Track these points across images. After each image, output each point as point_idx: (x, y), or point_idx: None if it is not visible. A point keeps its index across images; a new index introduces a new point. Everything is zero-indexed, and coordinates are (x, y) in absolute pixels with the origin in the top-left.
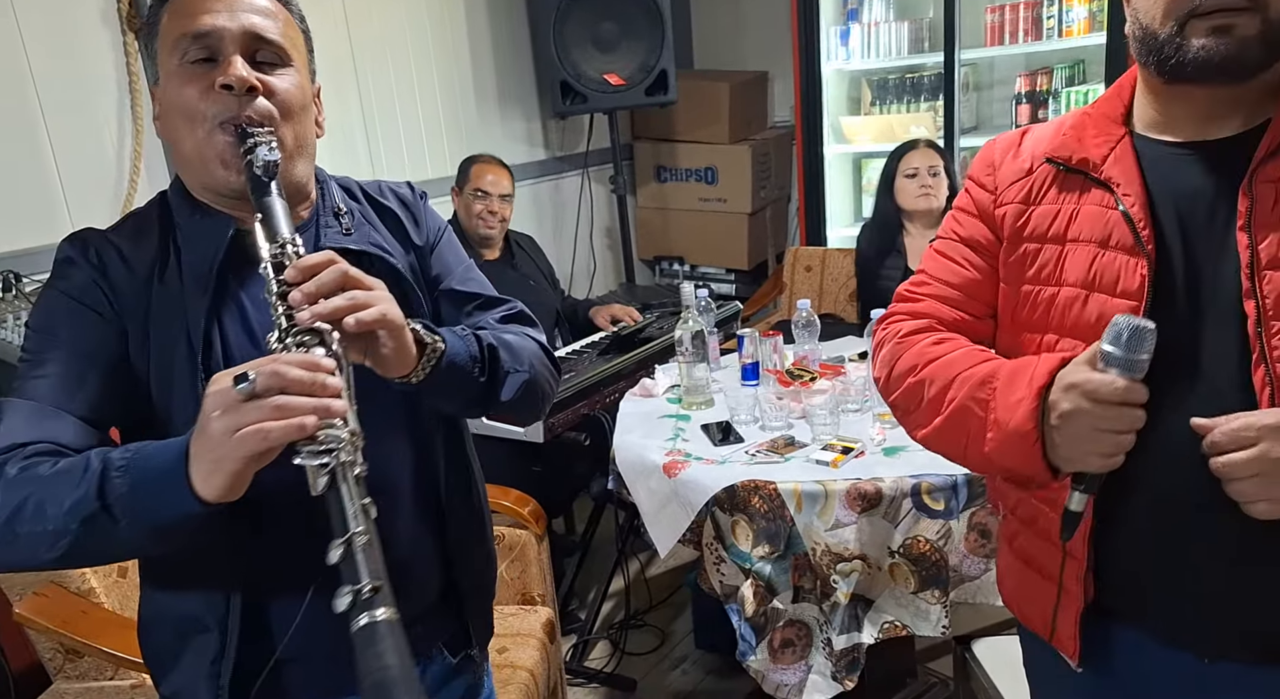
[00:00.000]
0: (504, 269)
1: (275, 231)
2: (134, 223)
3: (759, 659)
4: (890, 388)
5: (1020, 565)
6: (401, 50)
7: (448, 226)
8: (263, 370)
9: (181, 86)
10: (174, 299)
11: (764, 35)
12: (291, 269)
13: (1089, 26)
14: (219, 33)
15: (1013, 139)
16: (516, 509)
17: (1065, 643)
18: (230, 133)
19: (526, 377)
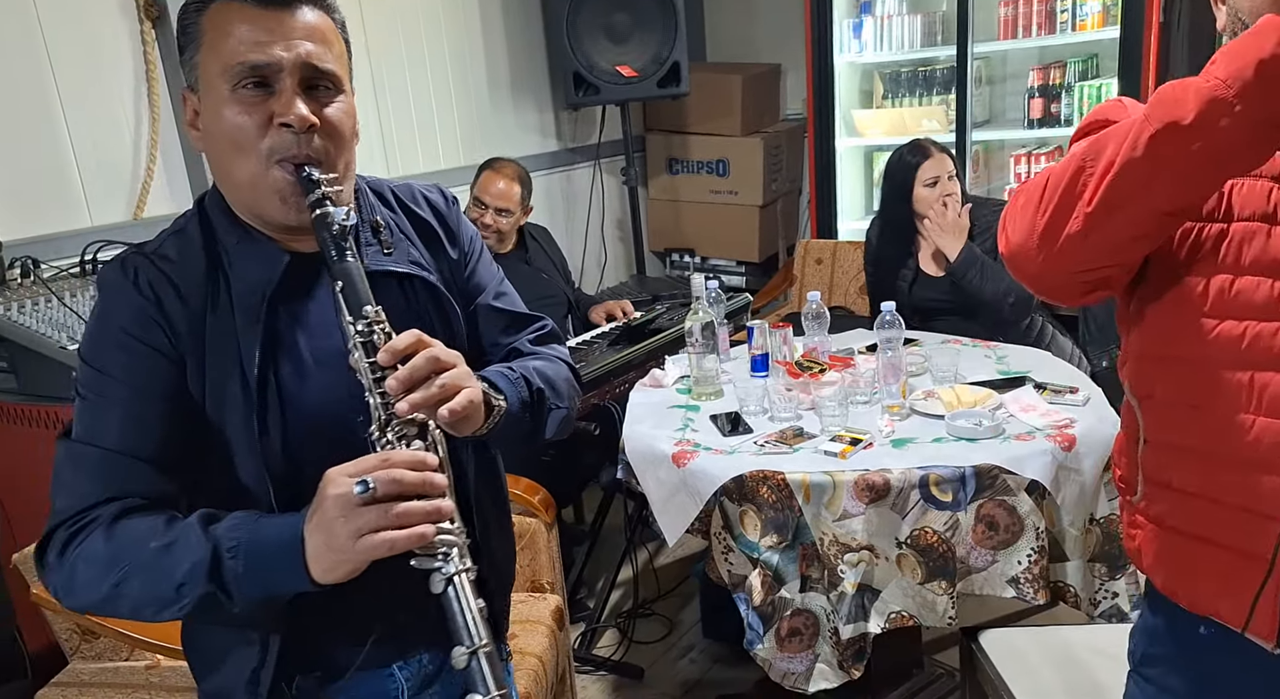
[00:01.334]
0: (517, 263)
1: (359, 304)
2: (177, 244)
3: (766, 648)
4: (1057, 183)
5: (1185, 542)
6: (415, 40)
7: (479, 236)
8: (380, 477)
9: (234, 114)
10: (226, 329)
11: (776, 28)
12: (384, 353)
13: (1103, 20)
14: (277, 65)
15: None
16: (526, 497)
17: (1261, 624)
18: (289, 171)
19: (565, 412)
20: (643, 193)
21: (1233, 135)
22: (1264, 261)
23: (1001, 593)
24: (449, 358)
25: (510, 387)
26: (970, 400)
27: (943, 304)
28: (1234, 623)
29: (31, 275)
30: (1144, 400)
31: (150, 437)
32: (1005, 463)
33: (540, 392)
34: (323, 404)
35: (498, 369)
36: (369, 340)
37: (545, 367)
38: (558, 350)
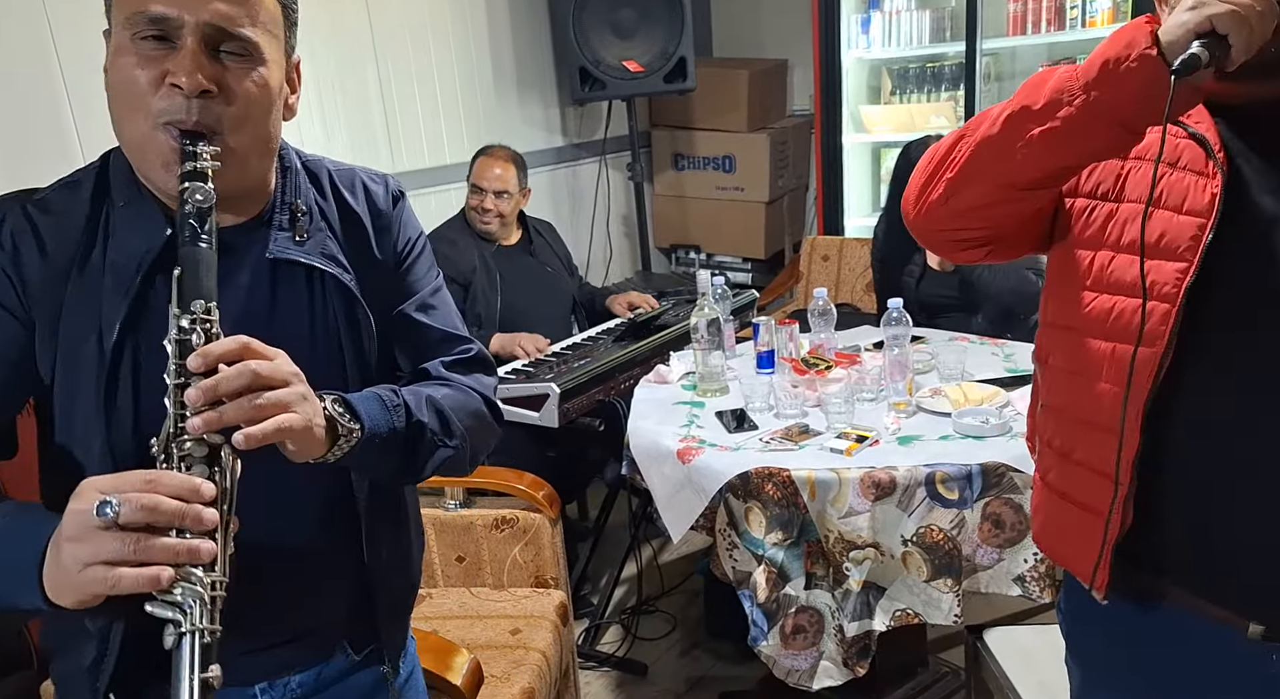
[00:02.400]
0: (522, 255)
1: (193, 296)
2: (64, 196)
3: (771, 645)
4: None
5: (1055, 499)
6: (421, 34)
7: (423, 239)
8: (130, 499)
9: (130, 66)
10: (91, 295)
11: (784, 23)
12: (195, 357)
13: (1113, 17)
14: (177, 20)
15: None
16: (530, 493)
17: (1093, 576)
18: (174, 136)
19: (450, 453)
20: (648, 189)
21: (1071, 124)
22: (1139, 242)
23: (1007, 591)
24: (277, 374)
25: (381, 412)
26: (977, 398)
27: (950, 300)
28: (1083, 578)
29: None
30: (1042, 365)
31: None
32: (1012, 461)
33: (420, 425)
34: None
35: (377, 391)
36: (186, 339)
37: (448, 397)
38: (479, 381)
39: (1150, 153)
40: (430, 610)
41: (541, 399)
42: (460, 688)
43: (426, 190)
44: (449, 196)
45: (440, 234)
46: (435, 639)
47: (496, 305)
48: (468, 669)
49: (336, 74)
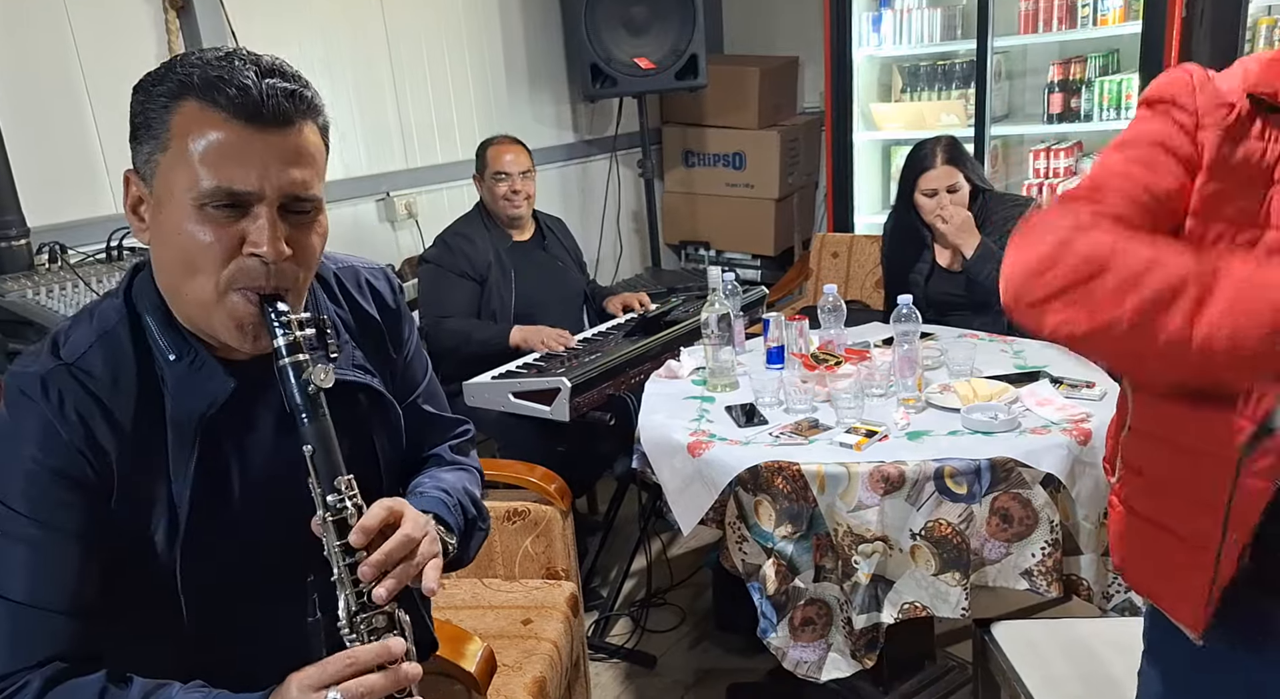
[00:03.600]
0: (534, 251)
1: (331, 474)
2: (104, 355)
3: (779, 636)
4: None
5: (1152, 530)
6: (435, 31)
7: (415, 328)
8: (347, 690)
9: (197, 232)
10: (156, 450)
11: (795, 20)
12: (356, 533)
13: (1124, 15)
14: (259, 194)
15: (1196, 70)
16: (542, 485)
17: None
18: (253, 300)
19: (485, 535)
20: (659, 185)
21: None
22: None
23: (1015, 585)
24: (419, 531)
25: (451, 516)
26: (986, 394)
27: (959, 299)
28: (1169, 611)
29: (59, 260)
30: (1137, 391)
31: (66, 585)
32: (1021, 456)
33: (474, 520)
34: (250, 534)
35: (434, 494)
36: (341, 518)
37: (471, 485)
38: (474, 459)
39: None
40: (443, 600)
41: (553, 393)
42: (474, 675)
43: (440, 186)
44: (461, 192)
45: (456, 230)
46: (449, 627)
47: (511, 300)
48: (481, 657)
49: (351, 70)
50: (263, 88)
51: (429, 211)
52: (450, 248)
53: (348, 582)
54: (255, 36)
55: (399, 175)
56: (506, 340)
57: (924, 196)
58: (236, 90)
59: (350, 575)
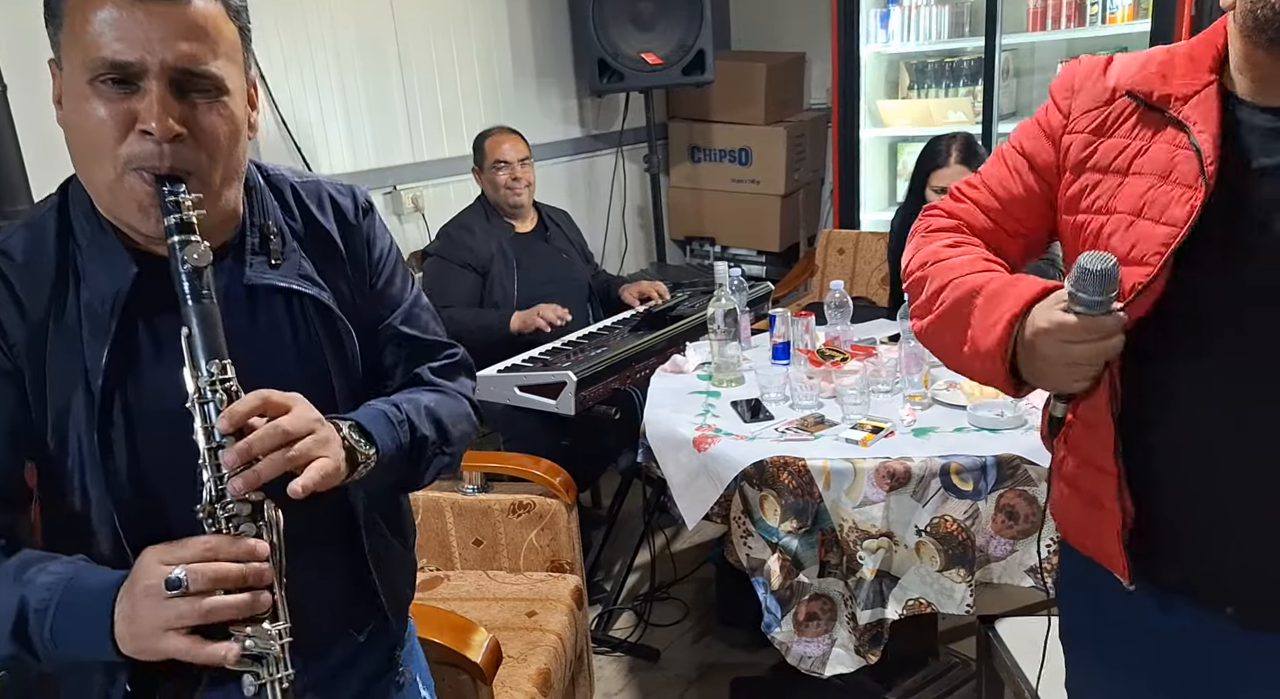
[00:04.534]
0: (537, 242)
1: (207, 356)
2: (26, 239)
3: (784, 631)
4: (905, 276)
5: (1070, 491)
6: (443, 25)
7: (395, 250)
8: (195, 571)
9: (91, 109)
10: (72, 340)
11: (802, 16)
12: (223, 418)
13: (1133, 13)
14: (141, 65)
15: (1098, 63)
16: (547, 478)
17: (1113, 560)
18: (149, 181)
19: (447, 461)
20: (664, 180)
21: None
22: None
23: (1020, 582)
24: (300, 426)
25: (389, 429)
26: (992, 391)
27: None
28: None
29: None
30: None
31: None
32: (1027, 453)
33: (424, 439)
34: (176, 424)
35: (382, 407)
36: (209, 401)
37: (442, 404)
38: (464, 384)
39: (1149, 168)
40: (448, 592)
41: (558, 387)
42: (480, 665)
43: (446, 179)
44: (467, 186)
45: (460, 222)
46: (455, 618)
47: (514, 291)
48: (487, 648)
49: (359, 63)
50: None
51: (435, 205)
52: (452, 239)
53: (210, 466)
54: (264, 29)
55: (406, 169)
56: (507, 326)
57: (934, 193)
58: None
59: (213, 460)
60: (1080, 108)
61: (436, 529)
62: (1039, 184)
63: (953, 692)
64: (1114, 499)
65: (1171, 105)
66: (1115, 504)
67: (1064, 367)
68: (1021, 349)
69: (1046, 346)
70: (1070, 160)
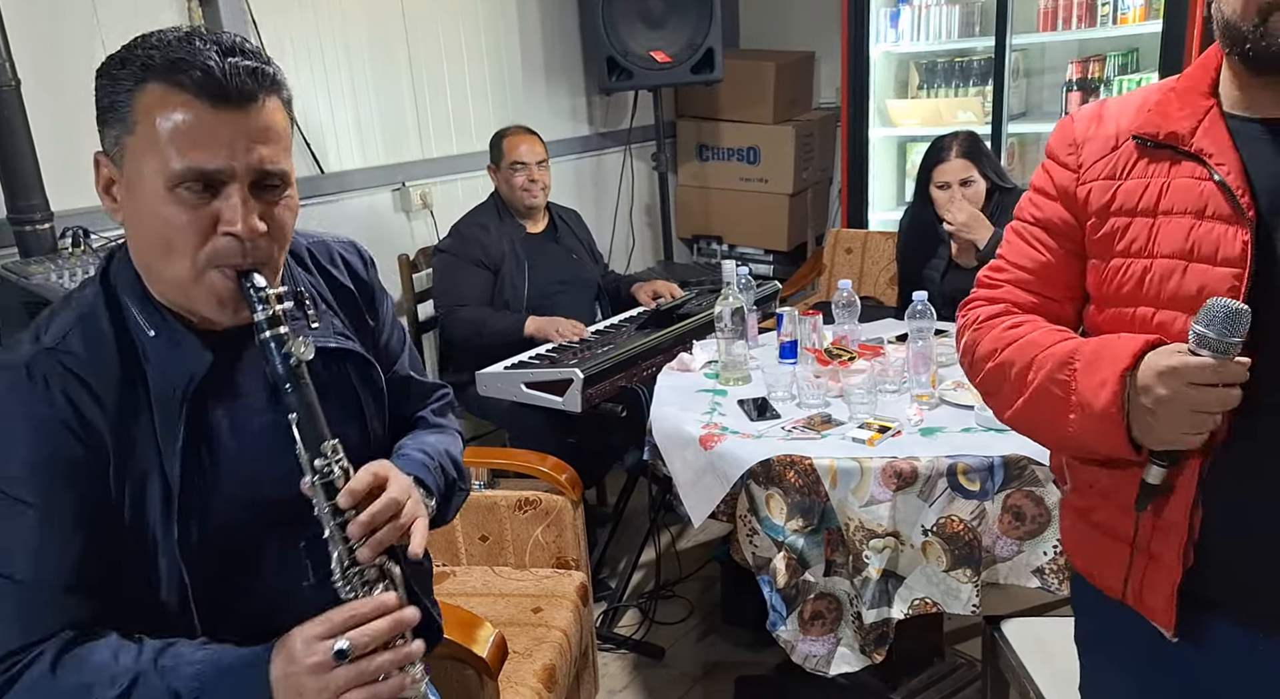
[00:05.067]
0: (547, 242)
1: (317, 440)
2: (84, 336)
3: (789, 630)
4: (974, 373)
5: (1100, 536)
6: (452, 23)
7: (391, 301)
8: (355, 639)
9: (171, 214)
10: (144, 428)
11: (812, 15)
12: (345, 495)
13: (1145, 14)
14: (229, 173)
15: (1092, 113)
16: (554, 475)
17: (1159, 614)
18: (230, 277)
19: (464, 497)
20: (672, 179)
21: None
22: (1179, 297)
23: (1026, 583)
24: (403, 494)
25: (431, 477)
26: None
27: None
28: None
29: (82, 245)
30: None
31: (69, 561)
32: (1034, 454)
33: (453, 481)
34: (245, 494)
35: (418, 458)
36: (329, 481)
37: (452, 446)
38: (453, 422)
39: (1179, 206)
40: (454, 587)
41: (565, 384)
42: (486, 660)
43: (455, 177)
44: (476, 183)
45: (471, 219)
46: (461, 612)
47: (524, 291)
48: (493, 643)
49: (369, 60)
50: (225, 67)
51: (444, 202)
52: (465, 237)
53: (338, 539)
54: (275, 26)
55: (414, 166)
56: (521, 330)
57: (937, 189)
58: (200, 71)
59: (341, 533)
60: (1090, 157)
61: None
62: (1062, 244)
63: (958, 692)
64: (1177, 555)
65: (1181, 141)
66: (1178, 560)
67: (1186, 416)
68: (1132, 406)
69: (1169, 389)
70: (1093, 206)
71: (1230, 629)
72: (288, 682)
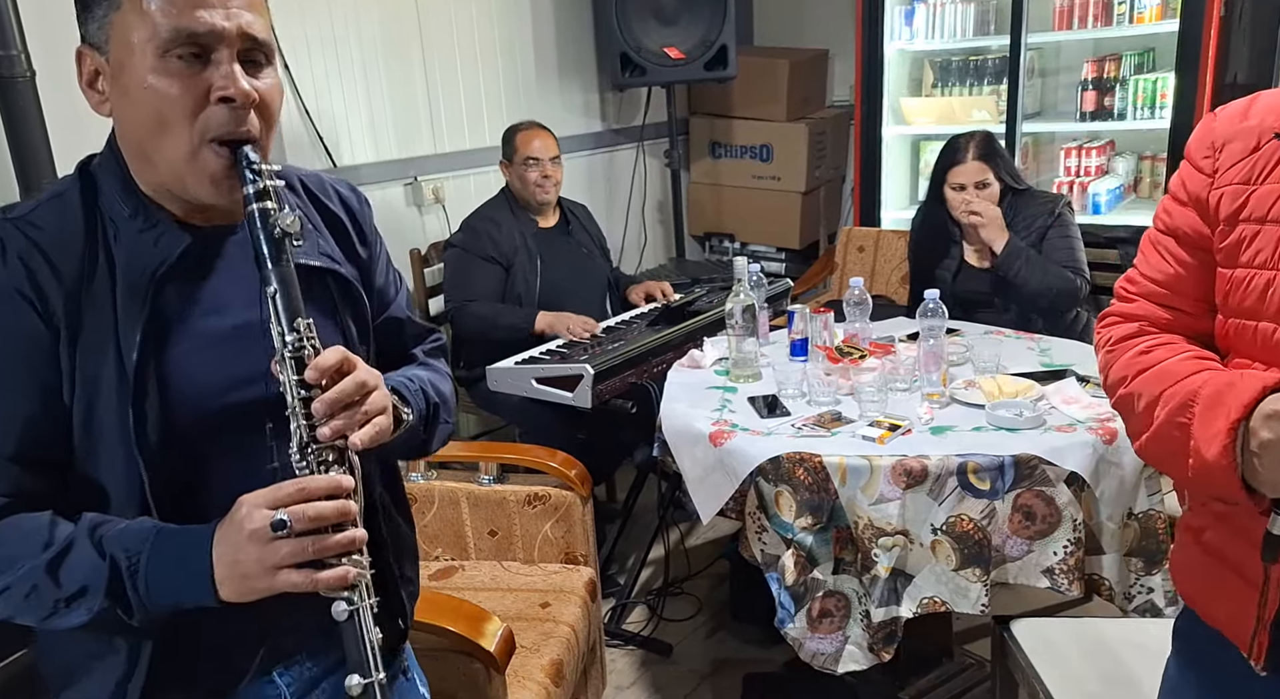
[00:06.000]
0: (559, 237)
1: (293, 314)
2: (53, 210)
3: (797, 627)
4: (1110, 395)
5: (1211, 562)
6: (466, 18)
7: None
8: (296, 513)
9: (164, 86)
10: (103, 308)
11: (826, 13)
12: (312, 369)
13: (1161, 13)
14: (219, 34)
15: (1239, 108)
16: (563, 471)
17: (1251, 647)
18: (224, 154)
19: (450, 429)
20: (685, 176)
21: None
22: None
23: (1036, 583)
24: (373, 380)
25: (413, 398)
26: (1011, 391)
27: (986, 297)
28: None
29: None
30: None
31: (14, 428)
32: (1045, 453)
33: (436, 407)
34: (210, 389)
35: (400, 379)
36: (299, 356)
37: (439, 381)
38: (444, 366)
39: None
40: (462, 582)
41: (576, 379)
42: (493, 654)
43: (468, 171)
44: (488, 178)
45: (482, 214)
46: (469, 607)
47: (536, 286)
48: (500, 637)
49: (383, 54)
50: None
51: (456, 196)
52: (476, 232)
53: (300, 415)
54: (290, 19)
55: (427, 160)
56: (531, 326)
57: (952, 190)
58: None
59: (304, 408)
60: (1228, 161)
61: (452, 519)
62: (1193, 255)
63: (967, 692)
64: (1276, 585)
65: None
66: (1276, 591)
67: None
68: (1244, 452)
69: (1274, 433)
70: (1222, 213)
71: None
72: (228, 546)
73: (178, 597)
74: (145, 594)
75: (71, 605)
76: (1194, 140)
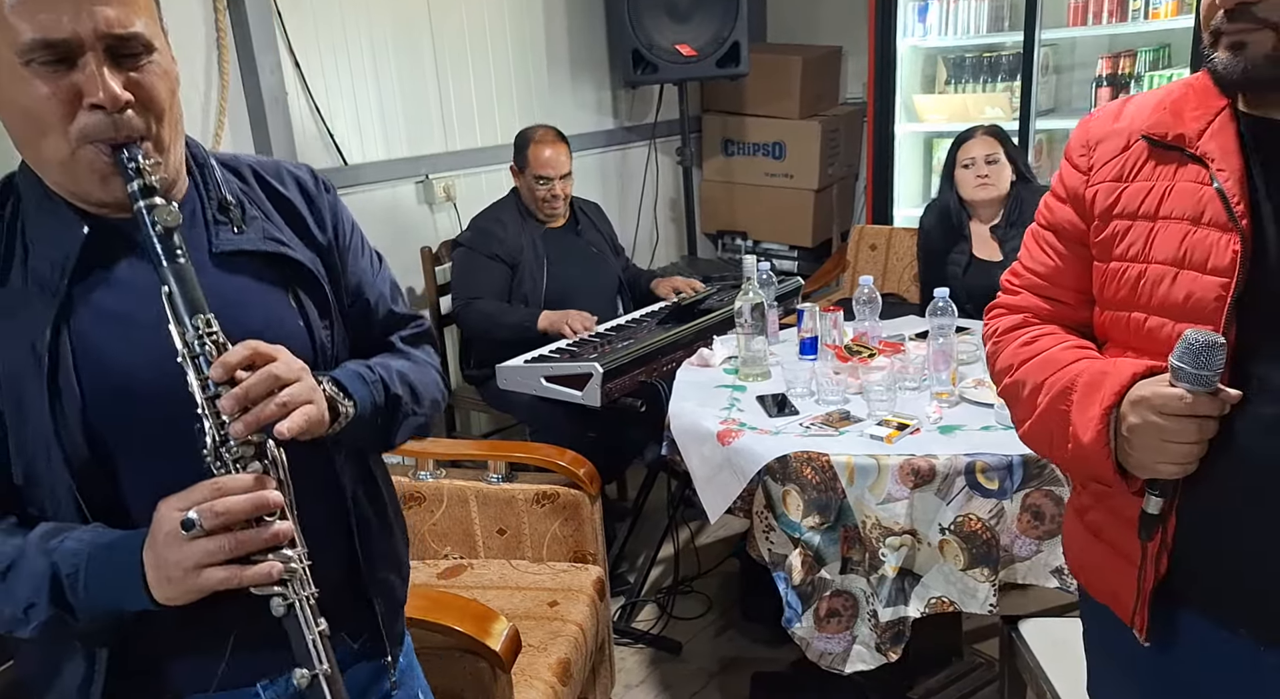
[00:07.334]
0: (568, 237)
1: (189, 311)
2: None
3: (804, 627)
4: (997, 385)
5: (1091, 538)
6: (477, 15)
7: (357, 226)
8: (205, 510)
9: (32, 90)
10: (15, 304)
11: (839, 9)
12: (216, 367)
13: (1176, 9)
14: (75, 40)
15: (1112, 111)
16: (572, 470)
17: (1130, 616)
18: (106, 151)
19: (420, 421)
20: (697, 174)
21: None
22: (1168, 303)
23: (1044, 583)
24: (289, 373)
25: (364, 388)
26: None
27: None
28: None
29: None
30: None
31: None
32: None
33: (397, 398)
34: (128, 382)
35: (356, 368)
36: (199, 354)
37: (411, 370)
38: (429, 353)
39: (1178, 211)
40: (470, 580)
41: (585, 378)
42: (499, 653)
43: (479, 169)
44: (499, 176)
45: (490, 214)
46: (475, 606)
47: (543, 286)
48: (506, 636)
49: (394, 52)
50: None
51: (467, 194)
52: (483, 231)
53: (209, 414)
54: (301, 18)
55: (438, 158)
56: (535, 325)
57: (963, 169)
58: None
59: (212, 407)
60: (1101, 159)
61: (460, 517)
62: (1071, 249)
63: (975, 692)
64: (1151, 561)
65: (1188, 143)
66: (1151, 566)
67: (1158, 445)
68: (1121, 437)
69: (1139, 418)
70: (1097, 209)
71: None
72: (151, 549)
73: (118, 602)
74: (86, 601)
75: (28, 614)
76: (1072, 140)
